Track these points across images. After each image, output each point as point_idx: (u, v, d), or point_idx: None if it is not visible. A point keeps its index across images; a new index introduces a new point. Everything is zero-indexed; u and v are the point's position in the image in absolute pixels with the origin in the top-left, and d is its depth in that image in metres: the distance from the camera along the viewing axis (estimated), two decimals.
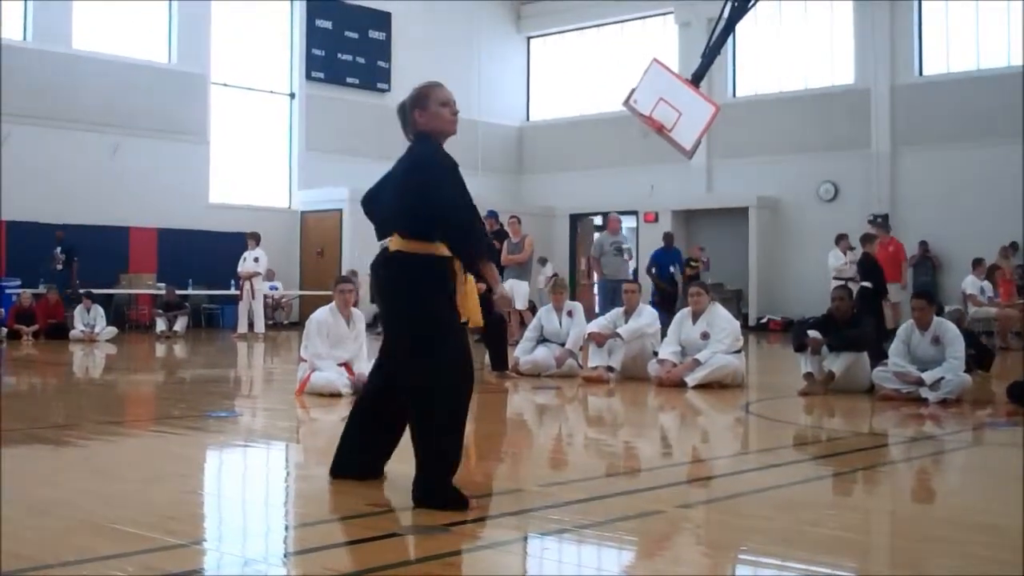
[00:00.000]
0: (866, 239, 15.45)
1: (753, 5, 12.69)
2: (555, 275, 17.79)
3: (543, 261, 22.61)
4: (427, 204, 4.53)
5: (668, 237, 19.94)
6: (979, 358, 10.76)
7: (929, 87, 22.29)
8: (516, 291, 16.83)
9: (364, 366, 9.22)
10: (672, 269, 19.18)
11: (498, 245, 15.91)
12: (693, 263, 21.36)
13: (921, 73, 22.62)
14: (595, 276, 16.15)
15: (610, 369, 10.54)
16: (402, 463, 4.65)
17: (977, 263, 17.23)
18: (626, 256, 16.12)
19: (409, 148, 4.79)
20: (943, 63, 22.40)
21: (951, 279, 20.08)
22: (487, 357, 11.31)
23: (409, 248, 4.59)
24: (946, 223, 21.38)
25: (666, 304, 17.05)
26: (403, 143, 4.89)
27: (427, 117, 4.71)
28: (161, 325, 18.96)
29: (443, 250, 4.58)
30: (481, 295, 11.24)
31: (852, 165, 22.92)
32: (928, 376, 8.70)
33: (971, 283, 16.91)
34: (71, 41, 20.80)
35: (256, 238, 19.15)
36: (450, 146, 4.78)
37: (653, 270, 19.32)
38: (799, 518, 4.46)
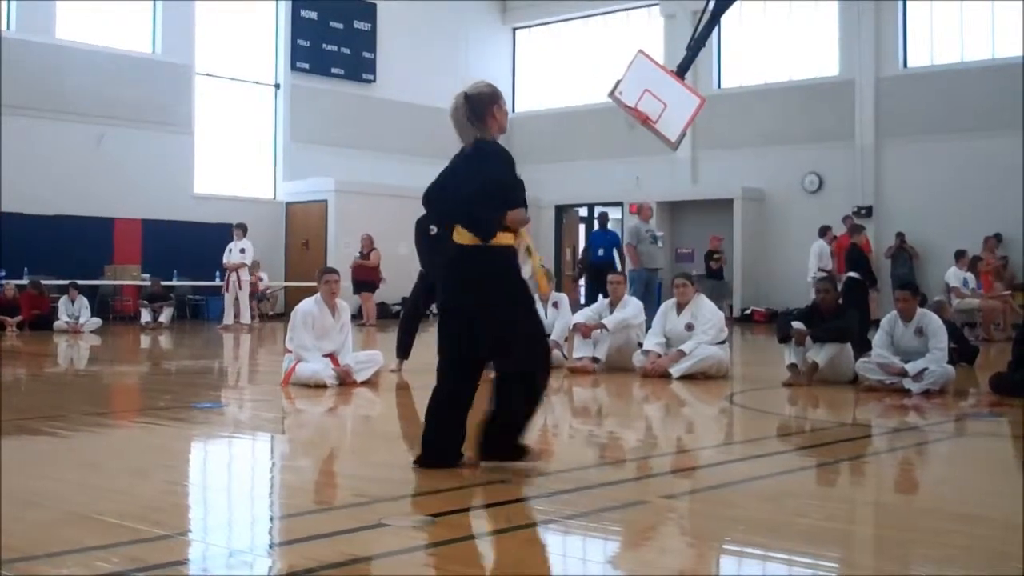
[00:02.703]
0: (854, 230, 15.49)
1: None
2: (541, 266, 17.66)
3: (530, 252, 22.55)
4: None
5: (603, 217, 19.04)
6: (963, 352, 10.81)
7: (913, 79, 22.35)
8: None
9: (349, 357, 9.23)
10: (601, 252, 18.25)
11: None
12: (716, 255, 21.24)
13: (906, 65, 22.69)
14: (629, 264, 15.88)
15: (595, 360, 10.56)
16: (388, 455, 4.65)
17: (960, 255, 17.29)
18: (660, 244, 16.03)
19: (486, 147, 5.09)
20: (927, 55, 22.46)
21: (933, 270, 20.16)
22: None
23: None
24: (929, 214, 21.47)
25: (601, 288, 16.02)
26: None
27: (501, 120, 5.13)
28: (146, 316, 18.90)
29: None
30: None
31: (836, 157, 22.98)
32: (911, 367, 8.74)
33: (954, 275, 16.98)
34: (55, 31, 20.69)
35: (243, 229, 19.13)
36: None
37: (594, 252, 18.33)
38: (783, 508, 4.48)
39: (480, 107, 5.04)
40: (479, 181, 4.97)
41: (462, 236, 5.02)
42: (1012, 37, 21.11)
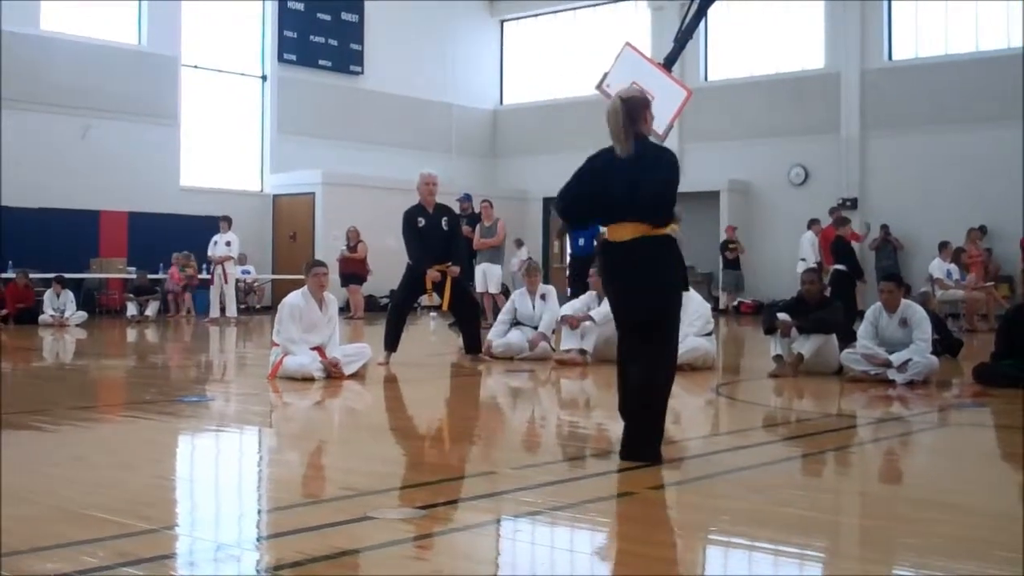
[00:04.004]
0: (839, 222, 15.53)
1: None
2: (529, 258, 17.73)
3: (519, 243, 22.63)
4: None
5: None
6: (946, 344, 10.86)
7: (899, 72, 22.41)
8: (489, 275, 16.85)
9: (337, 350, 9.22)
10: (582, 242, 17.85)
11: (468, 231, 15.90)
12: (732, 245, 21.21)
13: (891, 58, 22.75)
14: None
15: (583, 352, 10.58)
16: (376, 448, 4.66)
17: (943, 246, 17.36)
18: None
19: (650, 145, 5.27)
20: (912, 48, 22.53)
21: (918, 262, 20.23)
22: (460, 340, 11.34)
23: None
24: (914, 206, 21.55)
25: (578, 280, 15.20)
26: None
27: (651, 123, 5.34)
28: (132, 310, 18.86)
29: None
30: (456, 279, 11.23)
31: (822, 149, 23.05)
32: (896, 358, 8.78)
33: (938, 266, 17.04)
34: (40, 22, 20.58)
35: (228, 222, 19.10)
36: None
37: (575, 243, 17.83)
38: (769, 499, 4.50)
39: (635, 111, 5.18)
40: (658, 181, 5.13)
41: (627, 230, 5.19)
42: (996, 30, 21.21)
